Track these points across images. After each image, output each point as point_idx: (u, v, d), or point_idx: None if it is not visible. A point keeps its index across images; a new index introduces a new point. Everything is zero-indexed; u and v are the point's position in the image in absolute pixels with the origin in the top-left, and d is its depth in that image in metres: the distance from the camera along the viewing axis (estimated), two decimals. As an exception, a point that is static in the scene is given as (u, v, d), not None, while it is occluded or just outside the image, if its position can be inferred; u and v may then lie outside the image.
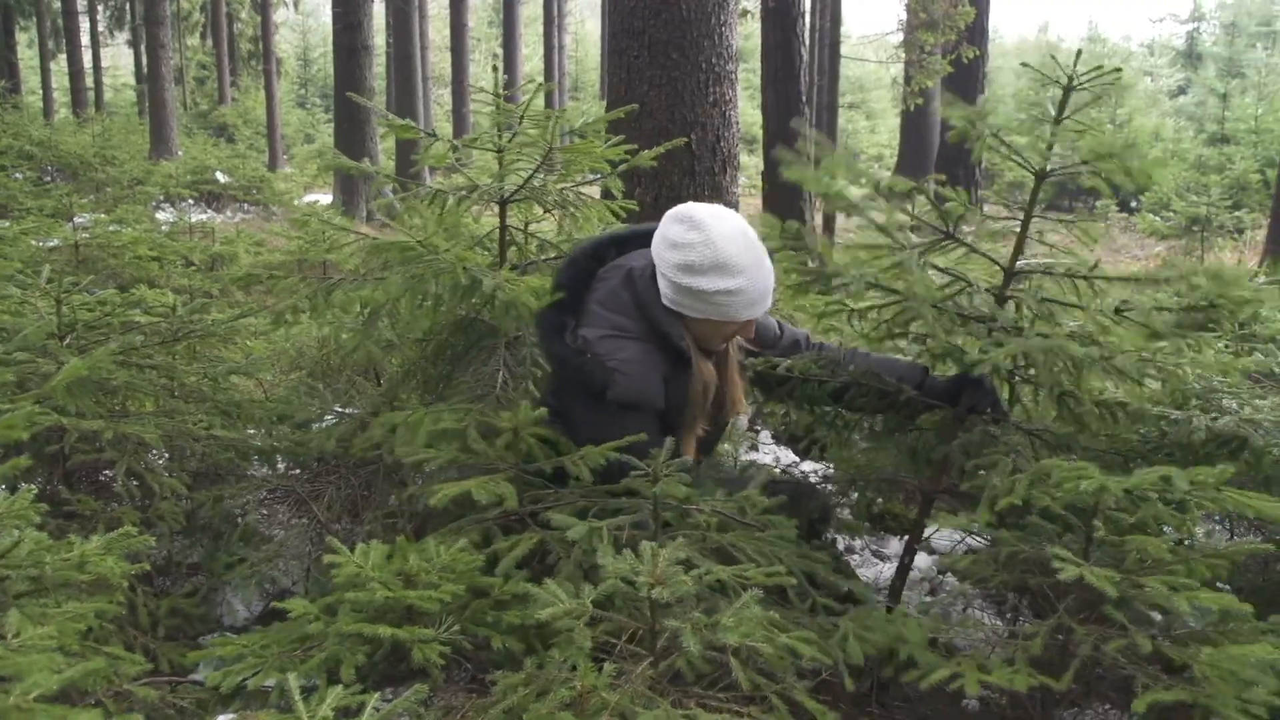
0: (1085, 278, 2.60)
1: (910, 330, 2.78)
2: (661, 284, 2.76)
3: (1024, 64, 2.76)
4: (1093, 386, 2.80)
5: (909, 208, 2.79)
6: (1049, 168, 2.54)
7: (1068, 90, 2.46)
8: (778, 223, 2.80)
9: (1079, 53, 2.50)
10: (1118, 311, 2.47)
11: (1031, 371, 2.86)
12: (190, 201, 16.19)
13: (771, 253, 2.80)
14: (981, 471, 2.57)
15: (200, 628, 2.99)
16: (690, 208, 2.75)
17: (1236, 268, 2.38)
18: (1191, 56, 36.10)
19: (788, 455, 4.64)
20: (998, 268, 2.70)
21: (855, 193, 2.70)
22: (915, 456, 2.94)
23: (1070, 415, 2.88)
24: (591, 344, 2.74)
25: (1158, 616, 3.08)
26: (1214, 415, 2.69)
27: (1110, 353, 2.41)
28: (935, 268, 2.69)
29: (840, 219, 11.09)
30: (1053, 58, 2.54)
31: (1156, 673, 2.13)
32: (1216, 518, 3.51)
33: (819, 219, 11.66)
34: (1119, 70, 2.49)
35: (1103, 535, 2.27)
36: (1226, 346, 3.99)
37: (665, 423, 2.83)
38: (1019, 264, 2.69)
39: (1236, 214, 15.29)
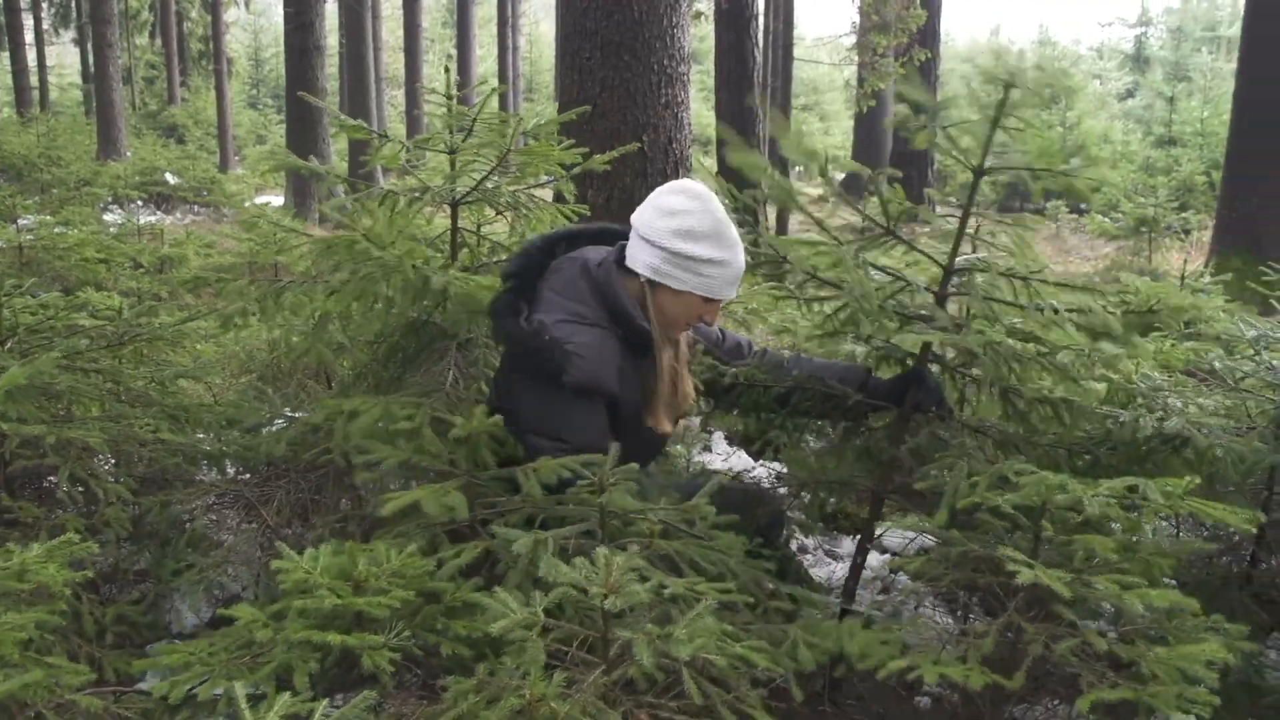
0: (1024, 278, 2.63)
1: (850, 330, 2.81)
2: (646, 255, 2.74)
3: (966, 61, 2.78)
4: (1035, 383, 2.83)
5: (860, 205, 2.81)
6: (987, 165, 2.56)
7: (1008, 88, 2.47)
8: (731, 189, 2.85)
9: (1022, 52, 2.52)
10: (1057, 312, 2.51)
11: (975, 371, 2.89)
12: (139, 203, 15.95)
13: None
14: (935, 473, 2.59)
15: (148, 635, 2.95)
16: (686, 181, 2.80)
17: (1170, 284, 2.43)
18: (1139, 60, 36.62)
19: (742, 457, 4.66)
20: (938, 266, 2.72)
21: (809, 191, 2.73)
22: (865, 458, 2.96)
23: (1015, 413, 2.91)
24: (549, 327, 2.70)
25: (1108, 607, 3.13)
26: (1160, 415, 2.73)
27: (1050, 349, 2.45)
28: (875, 266, 2.71)
29: (794, 221, 11.16)
30: (995, 55, 2.55)
31: (1104, 669, 2.16)
32: (1162, 515, 3.56)
33: (772, 219, 11.72)
34: (1064, 71, 2.51)
35: (1050, 534, 2.30)
36: (1172, 345, 4.06)
37: (616, 415, 2.81)
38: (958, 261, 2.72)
39: (1183, 215, 15.52)
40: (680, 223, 2.69)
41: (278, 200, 17.62)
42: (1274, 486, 3.27)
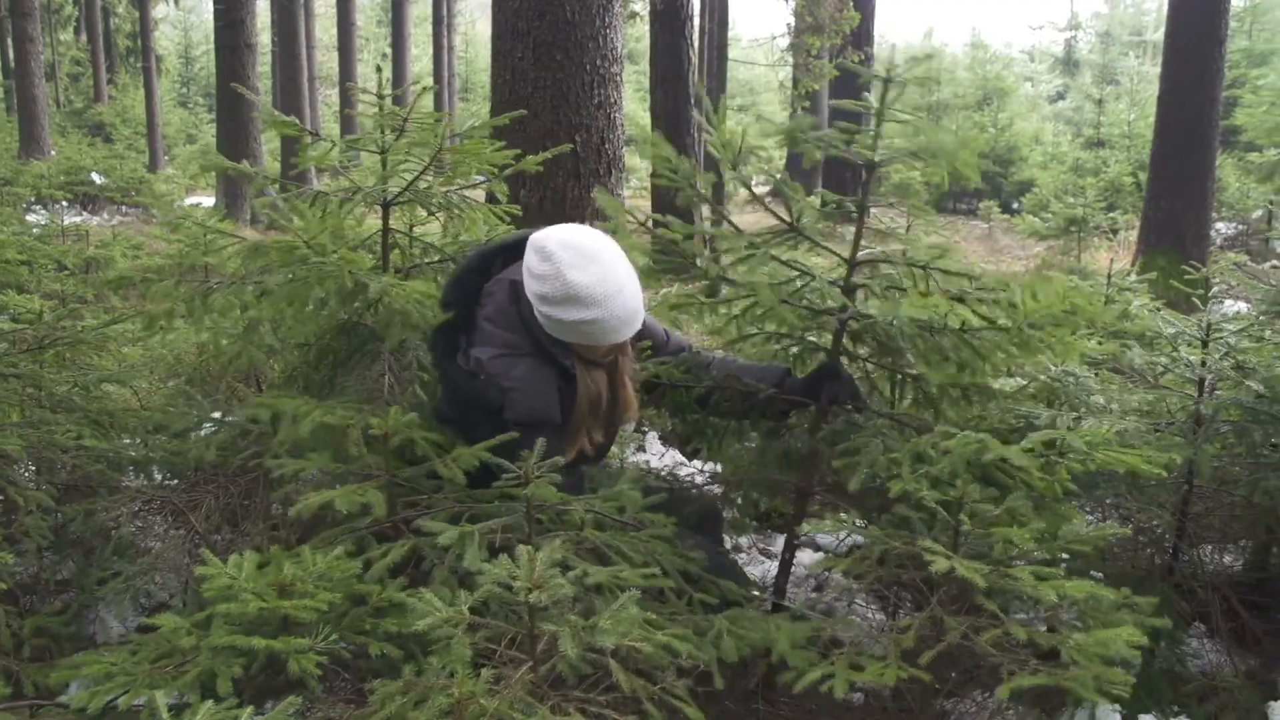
0: (924, 267, 2.67)
1: (764, 328, 2.84)
2: (533, 308, 2.75)
3: (847, 62, 2.82)
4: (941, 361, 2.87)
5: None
6: (877, 159, 2.62)
7: (886, 84, 2.54)
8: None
9: (893, 46, 2.60)
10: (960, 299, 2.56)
11: (888, 360, 2.93)
12: (64, 203, 15.60)
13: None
14: (851, 452, 2.63)
15: (70, 647, 2.89)
16: (546, 236, 2.71)
17: (1056, 282, 2.49)
18: (1069, 63, 37.21)
19: (676, 456, 4.67)
20: (842, 260, 2.76)
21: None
22: (787, 455, 2.98)
23: (926, 399, 2.96)
24: (484, 365, 2.72)
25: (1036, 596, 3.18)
26: (1077, 415, 2.79)
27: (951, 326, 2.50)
28: (780, 261, 2.74)
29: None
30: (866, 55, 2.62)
31: (1027, 657, 2.21)
32: (1087, 510, 3.64)
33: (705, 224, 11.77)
34: (930, 58, 2.60)
35: (969, 527, 2.34)
36: (1100, 342, 4.14)
37: (564, 436, 2.83)
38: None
39: (1111, 215, 15.82)
40: (537, 287, 2.68)
41: (209, 201, 17.32)
42: (1193, 481, 3.35)
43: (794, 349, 3.10)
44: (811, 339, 3.02)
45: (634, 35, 28.09)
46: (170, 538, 3.27)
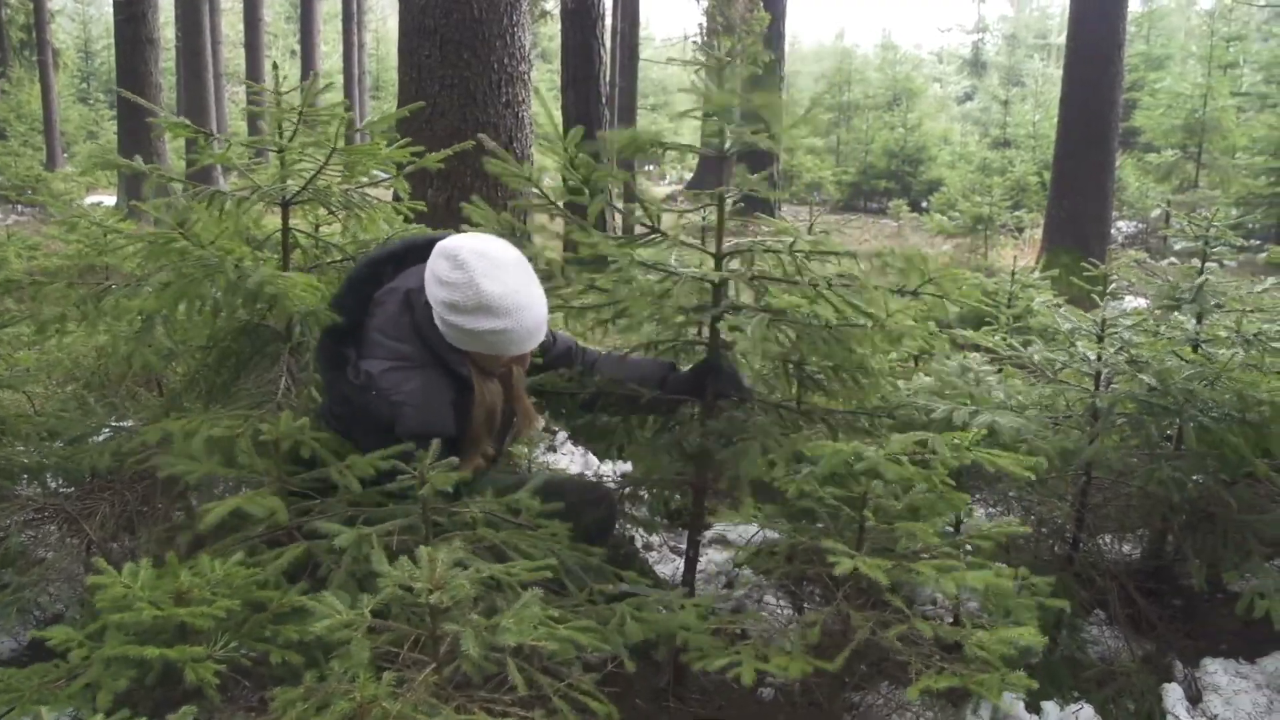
0: (791, 252, 2.72)
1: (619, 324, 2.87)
2: (436, 314, 2.68)
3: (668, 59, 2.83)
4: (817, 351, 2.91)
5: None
6: (728, 147, 2.68)
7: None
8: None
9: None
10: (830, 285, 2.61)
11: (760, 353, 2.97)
12: (-46, 203, 15.09)
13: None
14: (731, 461, 2.65)
15: (-47, 665, 2.79)
16: (458, 244, 2.65)
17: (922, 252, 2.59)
18: (977, 65, 38.04)
19: (588, 456, 4.66)
20: (710, 255, 2.79)
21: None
22: (674, 451, 2.99)
23: (812, 384, 3.00)
24: (375, 379, 2.63)
25: (938, 597, 3.24)
26: (973, 410, 2.84)
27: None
28: (644, 264, 2.75)
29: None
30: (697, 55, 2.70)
31: (932, 651, 2.24)
32: (990, 503, 3.71)
33: (618, 220, 11.80)
34: (762, 52, 2.69)
35: (874, 523, 2.37)
36: (1004, 339, 4.23)
37: (458, 446, 2.76)
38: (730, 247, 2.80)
39: (1017, 214, 16.23)
40: (447, 295, 2.62)
41: (111, 200, 16.87)
42: (1091, 473, 3.44)
43: (677, 345, 3.13)
44: (692, 335, 3.04)
45: (546, 34, 28.02)
46: (64, 546, 3.18)
